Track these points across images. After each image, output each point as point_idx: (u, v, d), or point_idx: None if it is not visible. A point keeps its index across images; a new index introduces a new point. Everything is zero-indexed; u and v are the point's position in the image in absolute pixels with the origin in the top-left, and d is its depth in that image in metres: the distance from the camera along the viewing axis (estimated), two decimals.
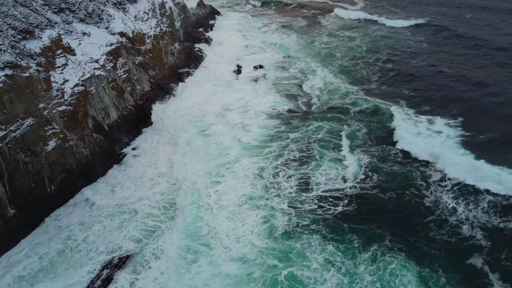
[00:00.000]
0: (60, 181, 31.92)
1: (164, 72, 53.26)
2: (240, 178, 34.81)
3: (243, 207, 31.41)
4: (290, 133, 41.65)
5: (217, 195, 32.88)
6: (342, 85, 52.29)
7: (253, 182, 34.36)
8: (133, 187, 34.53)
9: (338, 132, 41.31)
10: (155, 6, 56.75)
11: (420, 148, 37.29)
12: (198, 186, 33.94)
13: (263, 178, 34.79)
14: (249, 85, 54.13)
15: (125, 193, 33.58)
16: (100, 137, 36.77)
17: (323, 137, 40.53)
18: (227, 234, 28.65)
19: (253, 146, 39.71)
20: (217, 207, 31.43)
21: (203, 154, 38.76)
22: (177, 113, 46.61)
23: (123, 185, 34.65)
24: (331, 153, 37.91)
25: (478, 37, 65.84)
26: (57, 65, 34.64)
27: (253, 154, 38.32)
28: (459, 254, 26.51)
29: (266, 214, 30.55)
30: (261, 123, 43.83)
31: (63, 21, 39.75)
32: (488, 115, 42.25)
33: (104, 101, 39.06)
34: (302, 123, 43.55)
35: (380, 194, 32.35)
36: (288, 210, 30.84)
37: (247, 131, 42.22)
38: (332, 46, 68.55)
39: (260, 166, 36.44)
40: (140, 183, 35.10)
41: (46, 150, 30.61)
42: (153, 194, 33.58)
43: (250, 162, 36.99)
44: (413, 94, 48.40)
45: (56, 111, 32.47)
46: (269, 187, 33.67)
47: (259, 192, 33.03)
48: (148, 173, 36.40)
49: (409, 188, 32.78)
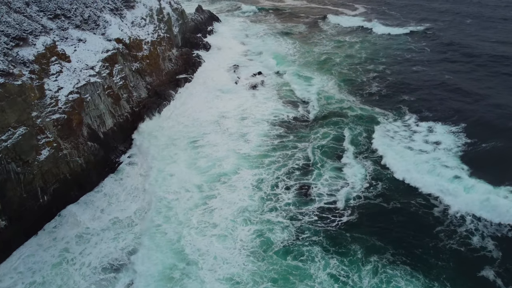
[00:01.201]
0: (53, 192, 31.11)
1: (161, 79, 52.62)
2: (238, 191, 33.52)
3: (237, 222, 30.13)
4: (290, 141, 40.71)
5: (207, 211, 31.50)
6: (341, 92, 51.65)
7: (251, 194, 33.10)
8: (130, 198, 33.64)
9: (340, 140, 40.43)
10: (153, 12, 56.22)
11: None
12: (185, 201, 32.63)
13: (262, 190, 33.59)
14: (248, 91, 53.38)
15: (122, 206, 32.69)
16: (95, 146, 36.01)
17: (325, 145, 39.71)
18: (215, 256, 27.05)
19: (252, 156, 38.53)
20: (205, 224, 30.13)
21: (196, 166, 37.34)
22: (170, 125, 44.99)
23: (119, 197, 33.79)
24: (333, 161, 37.13)
25: (479, 45, 65.28)
26: (51, 72, 33.92)
27: (253, 165, 37.04)
28: (469, 266, 25.56)
29: (263, 228, 29.37)
30: (261, 131, 42.83)
31: (59, 28, 39.12)
32: (491, 124, 41.49)
33: (100, 108, 38.34)
34: (302, 131, 42.77)
35: (384, 203, 31.52)
36: (288, 223, 29.84)
37: (246, 141, 41.12)
38: (331, 53, 67.89)
39: (260, 177, 35.14)
40: (135, 194, 34.33)
41: (38, 159, 29.84)
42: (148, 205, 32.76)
43: (250, 174, 35.67)
44: (414, 101, 47.71)
45: (49, 119, 31.70)
46: (268, 199, 32.56)
47: (256, 205, 31.86)
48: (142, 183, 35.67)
49: (415, 198, 31.93)
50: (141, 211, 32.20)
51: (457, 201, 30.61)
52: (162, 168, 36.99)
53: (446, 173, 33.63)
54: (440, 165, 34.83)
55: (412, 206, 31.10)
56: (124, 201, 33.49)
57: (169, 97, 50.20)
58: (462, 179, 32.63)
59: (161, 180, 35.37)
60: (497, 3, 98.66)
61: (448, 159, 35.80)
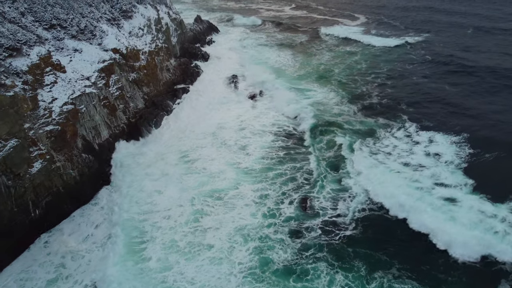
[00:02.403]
0: (45, 205, 30.27)
1: (159, 89, 52.06)
2: (237, 209, 32.11)
3: (236, 241, 28.58)
4: (293, 153, 39.88)
5: (200, 230, 29.86)
6: (341, 103, 51.07)
7: (254, 212, 31.52)
8: (125, 214, 32.47)
9: (343, 151, 39.44)
10: (151, 22, 55.89)
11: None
12: (174, 220, 31.08)
13: (265, 205, 32.28)
14: (247, 102, 52.76)
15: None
16: (90, 158, 35.25)
17: (328, 156, 38.95)
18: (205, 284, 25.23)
19: (255, 170, 37.20)
20: (197, 246, 28.35)
21: (188, 182, 35.81)
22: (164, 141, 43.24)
23: (113, 210, 32.88)
24: (337, 173, 36.32)
25: (480, 57, 65.01)
26: (45, 83, 33.29)
27: (256, 180, 35.63)
28: (484, 281, 24.63)
29: (263, 246, 28.11)
30: (264, 143, 41.79)
31: (54, 38, 38.62)
32: (492, 136, 40.97)
33: (95, 119, 37.67)
34: (304, 142, 41.88)
35: (388, 215, 30.72)
36: (290, 239, 28.78)
37: (247, 153, 39.99)
38: (330, 63, 67.50)
39: (263, 193, 33.73)
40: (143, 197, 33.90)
41: (30, 172, 29.05)
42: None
43: (251, 189, 34.28)
44: (414, 112, 47.18)
45: (42, 131, 30.99)
46: (271, 215, 31.26)
47: (258, 222, 30.46)
48: (139, 196, 34.57)
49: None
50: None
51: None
52: (146, 185, 35.47)
53: (442, 205, 30.83)
54: (439, 185, 33.57)
55: None
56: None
57: (166, 107, 49.57)
58: (460, 204, 30.91)
59: (145, 198, 33.77)
60: (496, 15, 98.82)
61: (448, 174, 34.93)
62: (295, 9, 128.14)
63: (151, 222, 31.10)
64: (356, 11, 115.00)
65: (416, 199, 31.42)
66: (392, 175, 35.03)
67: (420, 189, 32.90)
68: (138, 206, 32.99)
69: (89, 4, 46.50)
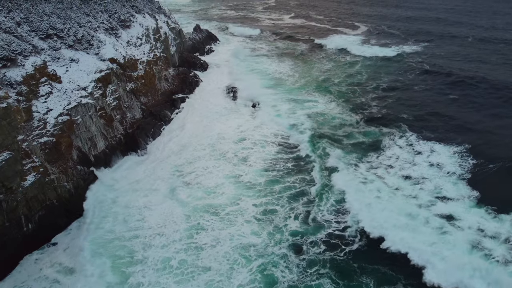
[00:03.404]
0: (38, 219, 29.44)
1: (157, 99, 51.50)
2: (236, 225, 30.57)
3: (235, 262, 26.90)
4: (295, 165, 38.90)
5: (194, 249, 28.06)
6: (341, 112, 50.49)
7: (256, 230, 29.86)
8: (122, 228, 31.09)
9: (345, 162, 38.64)
10: (149, 31, 55.51)
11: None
12: (167, 238, 29.29)
13: (267, 221, 30.87)
14: (247, 112, 52.03)
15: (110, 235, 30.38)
16: (85, 169, 34.51)
17: (331, 166, 37.99)
18: None
19: (256, 183, 35.78)
20: (191, 268, 26.49)
21: (182, 197, 34.10)
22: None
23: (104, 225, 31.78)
24: (341, 185, 35.37)
25: (480, 67, 64.67)
26: (40, 93, 32.70)
27: (260, 194, 34.14)
28: None
29: (266, 263, 26.79)
30: (264, 155, 40.70)
31: (50, 48, 38.11)
32: (497, 149, 40.25)
33: (91, 130, 37.00)
34: (306, 153, 40.80)
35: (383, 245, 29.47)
36: (294, 255, 27.56)
37: (250, 165, 38.71)
38: (330, 73, 67.16)
39: (266, 208, 32.33)
40: (127, 218, 32.38)
41: (23, 186, 28.28)
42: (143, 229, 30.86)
43: (253, 203, 32.81)
44: (416, 122, 46.73)
45: (36, 143, 30.32)
46: (276, 231, 29.74)
47: (260, 240, 28.86)
48: (133, 210, 33.46)
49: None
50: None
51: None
52: (136, 201, 33.75)
53: (438, 230, 28.97)
54: (440, 198, 32.67)
55: None
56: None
57: (164, 117, 48.97)
58: (459, 224, 29.61)
59: (137, 215, 32.08)
60: (497, 25, 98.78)
61: (450, 186, 34.24)
62: (295, 18, 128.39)
63: (141, 240, 29.30)
64: (356, 21, 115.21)
65: (409, 229, 28.98)
66: (385, 202, 32.53)
67: (419, 206, 31.57)
68: (126, 224, 31.14)
69: (87, 14, 46.15)
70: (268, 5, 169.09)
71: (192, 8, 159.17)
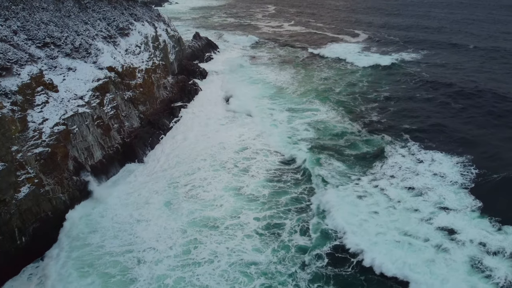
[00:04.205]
0: (32, 232, 28.75)
1: (155, 107, 50.98)
2: (236, 239, 29.27)
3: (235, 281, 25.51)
4: (300, 176, 38.15)
5: (191, 265, 26.78)
6: (342, 120, 50.00)
7: (260, 246, 28.47)
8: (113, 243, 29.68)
9: (348, 172, 38.06)
10: (148, 39, 55.15)
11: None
12: (161, 254, 27.76)
13: (271, 236, 29.50)
14: (246, 121, 51.02)
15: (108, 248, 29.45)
16: (81, 180, 33.86)
17: (334, 176, 37.35)
18: None
19: (259, 195, 34.69)
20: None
21: (179, 211, 32.89)
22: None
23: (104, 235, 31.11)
24: (344, 197, 34.65)
25: (481, 76, 64.17)
26: (36, 103, 32.11)
27: (264, 207, 32.96)
28: None
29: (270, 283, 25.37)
30: (268, 165, 39.78)
31: (47, 56, 37.62)
32: (501, 159, 39.69)
33: (88, 140, 36.41)
34: (310, 164, 39.81)
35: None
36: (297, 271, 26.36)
37: (250, 176, 37.69)
38: (331, 81, 66.66)
39: (270, 222, 31.14)
40: (123, 229, 31.41)
41: (17, 197, 27.62)
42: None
43: (255, 217, 31.65)
44: (417, 131, 46.18)
45: (31, 153, 29.68)
46: (282, 247, 28.33)
47: (263, 257, 27.37)
48: (129, 221, 32.32)
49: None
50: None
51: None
52: (128, 215, 32.57)
53: (438, 246, 27.92)
54: (442, 209, 31.98)
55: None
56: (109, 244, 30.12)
57: (163, 126, 48.39)
58: (460, 238, 28.68)
59: (129, 230, 30.75)
60: (497, 34, 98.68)
61: (452, 196, 33.67)
62: (294, 26, 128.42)
63: (134, 255, 28.03)
64: (356, 28, 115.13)
65: (407, 249, 27.78)
66: (384, 217, 31.32)
67: (420, 220, 30.58)
68: (118, 239, 29.82)
69: (85, 22, 45.79)
70: (268, 12, 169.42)
71: (192, 15, 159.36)
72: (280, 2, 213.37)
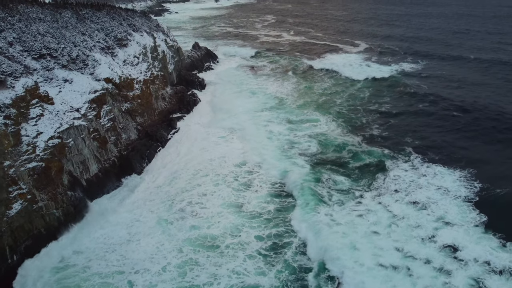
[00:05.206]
0: (24, 250, 27.85)
1: (153, 118, 50.26)
2: (237, 260, 28.03)
3: None
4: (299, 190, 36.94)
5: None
6: (343, 132, 49.27)
7: (263, 269, 27.20)
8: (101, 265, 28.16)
9: (350, 188, 37.34)
10: (147, 50, 54.64)
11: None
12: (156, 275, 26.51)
13: (269, 256, 28.29)
14: (247, 132, 49.67)
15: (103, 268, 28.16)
16: (76, 195, 32.99)
17: (344, 188, 37.02)
18: None
19: (259, 212, 33.58)
20: None
21: (179, 226, 32.01)
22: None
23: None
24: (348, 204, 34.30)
25: (484, 91, 63.49)
26: (30, 116, 31.37)
27: (263, 225, 31.95)
28: None
29: None
30: (268, 178, 38.86)
31: (43, 68, 37.00)
32: (504, 174, 38.91)
33: (83, 153, 35.63)
34: (314, 174, 39.41)
35: None
36: None
37: (254, 191, 36.63)
38: (331, 92, 66.03)
39: (275, 242, 29.97)
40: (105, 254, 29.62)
41: (8, 215, 26.81)
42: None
43: (256, 235, 30.62)
44: (418, 144, 45.50)
45: (24, 168, 28.90)
46: (282, 270, 27.18)
47: (267, 279, 26.09)
48: (125, 235, 31.53)
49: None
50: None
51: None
52: (119, 234, 31.44)
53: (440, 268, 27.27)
54: (445, 224, 31.34)
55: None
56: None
57: (161, 138, 47.63)
58: (463, 256, 28.10)
59: (118, 250, 29.48)
60: (500, 47, 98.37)
61: (455, 211, 33.04)
62: (294, 35, 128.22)
63: (125, 277, 26.73)
64: (356, 38, 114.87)
65: (408, 274, 26.83)
66: (385, 236, 30.33)
67: (422, 240, 29.68)
68: (105, 261, 28.44)
69: (82, 32, 45.23)
70: (268, 22, 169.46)
71: (192, 25, 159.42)
72: (279, 12, 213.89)
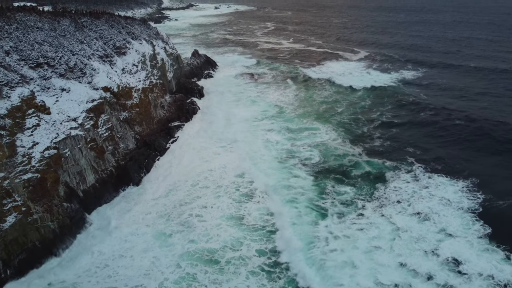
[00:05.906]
0: (18, 264, 27.20)
1: (152, 127, 49.72)
2: (240, 277, 27.09)
3: None
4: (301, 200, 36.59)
5: None
6: (344, 142, 48.76)
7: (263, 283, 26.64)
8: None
9: (351, 200, 36.71)
10: (146, 58, 54.28)
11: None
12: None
13: (273, 273, 27.45)
14: (247, 141, 49.40)
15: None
16: (72, 207, 32.36)
17: (345, 199, 36.48)
18: None
19: (261, 225, 32.73)
20: None
21: (175, 240, 31.06)
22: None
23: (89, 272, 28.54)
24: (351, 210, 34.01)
25: (486, 100, 63.10)
26: (26, 126, 30.84)
27: (265, 238, 30.95)
28: None
29: None
30: (272, 186, 38.20)
31: (40, 77, 36.50)
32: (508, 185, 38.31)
33: (80, 164, 35.05)
34: (316, 184, 39.06)
35: None
36: None
37: (256, 202, 35.99)
38: (332, 100, 65.64)
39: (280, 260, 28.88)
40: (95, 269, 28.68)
41: (2, 228, 26.20)
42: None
43: (257, 248, 29.68)
44: (420, 154, 44.98)
45: (19, 180, 28.31)
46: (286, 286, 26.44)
47: None
48: (118, 250, 30.62)
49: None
50: None
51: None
52: (112, 248, 30.54)
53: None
54: (448, 236, 30.80)
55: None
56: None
57: (159, 147, 47.07)
58: (467, 269, 27.58)
59: (111, 265, 28.58)
60: (496, 54, 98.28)
61: (458, 223, 32.59)
62: (294, 43, 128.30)
63: None
64: (356, 46, 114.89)
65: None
66: (386, 252, 29.64)
67: (425, 253, 29.13)
68: (96, 278, 27.45)
69: (81, 41, 44.87)
70: (268, 29, 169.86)
71: (192, 32, 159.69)
72: (279, 19, 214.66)
